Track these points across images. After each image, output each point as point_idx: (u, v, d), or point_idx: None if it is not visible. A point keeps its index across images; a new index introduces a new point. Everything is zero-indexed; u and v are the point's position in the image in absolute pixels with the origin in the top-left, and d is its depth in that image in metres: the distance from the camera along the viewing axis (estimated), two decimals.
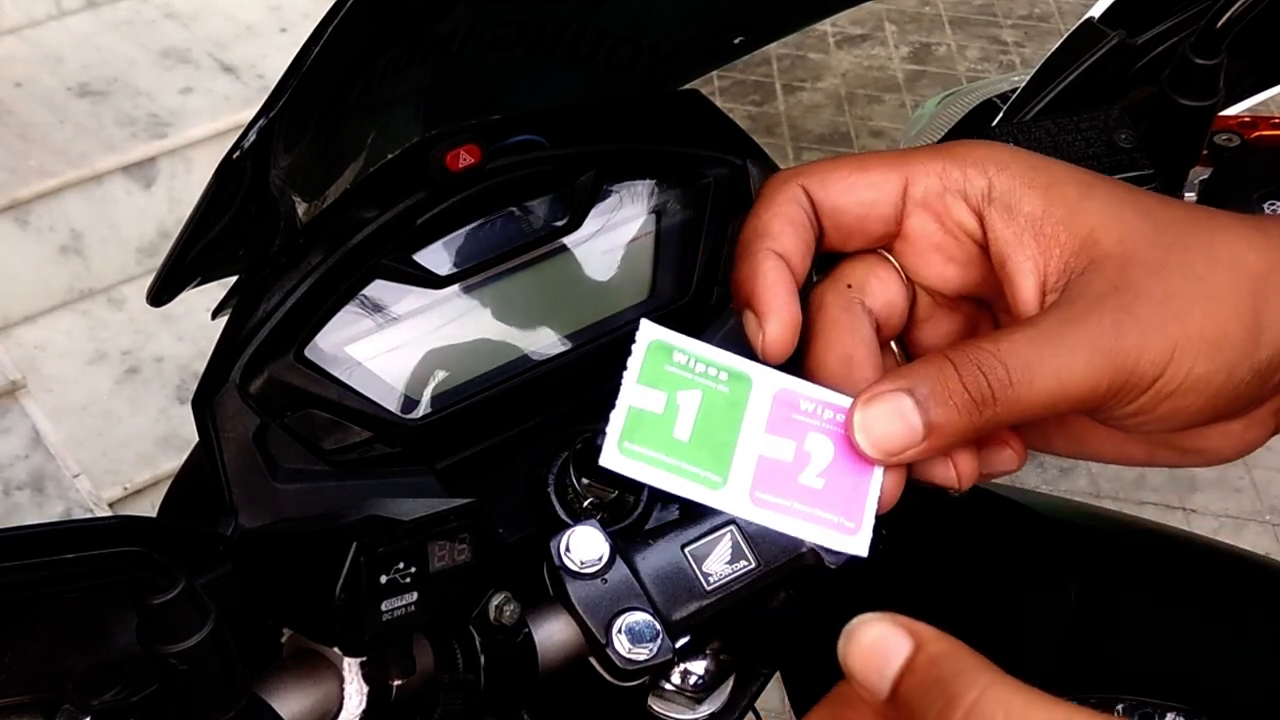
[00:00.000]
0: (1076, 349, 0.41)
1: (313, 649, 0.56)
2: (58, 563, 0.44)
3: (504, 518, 0.67)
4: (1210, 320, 0.42)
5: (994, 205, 0.44)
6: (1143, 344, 0.41)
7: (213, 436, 0.60)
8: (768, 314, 0.43)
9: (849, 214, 0.45)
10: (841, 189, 0.45)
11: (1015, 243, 0.44)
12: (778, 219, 0.44)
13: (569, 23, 0.61)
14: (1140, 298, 0.42)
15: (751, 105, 3.19)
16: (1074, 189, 0.43)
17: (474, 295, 0.67)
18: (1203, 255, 0.43)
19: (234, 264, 0.60)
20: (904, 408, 0.41)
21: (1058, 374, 0.41)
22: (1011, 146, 0.45)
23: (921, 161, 0.44)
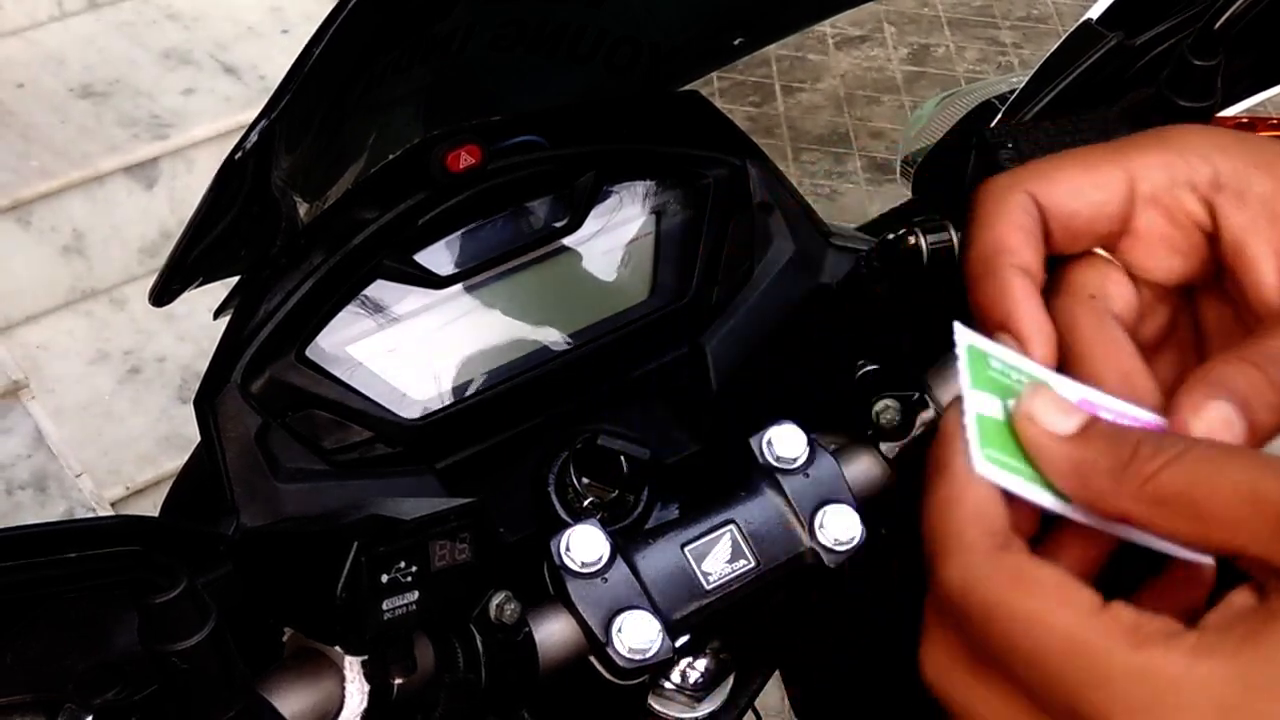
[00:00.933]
0: None
1: (314, 648, 0.56)
2: (59, 562, 0.44)
3: (504, 517, 0.67)
4: None
5: (1224, 192, 0.42)
6: None
7: (214, 436, 0.60)
8: (1031, 335, 0.41)
9: (1080, 217, 0.43)
10: (1068, 191, 0.42)
11: (1250, 228, 0.42)
12: (1015, 231, 0.42)
13: (569, 23, 0.61)
14: None
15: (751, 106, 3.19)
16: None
17: (475, 295, 0.67)
18: None
19: (236, 264, 0.61)
20: (1229, 415, 0.39)
21: None
22: (1227, 131, 0.43)
23: (1143, 154, 0.42)
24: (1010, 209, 0.42)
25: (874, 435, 0.70)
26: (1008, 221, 0.42)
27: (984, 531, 0.37)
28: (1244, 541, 0.34)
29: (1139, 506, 0.36)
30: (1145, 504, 0.36)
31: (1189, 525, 0.35)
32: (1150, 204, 0.42)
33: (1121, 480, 0.36)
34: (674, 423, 0.72)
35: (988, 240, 0.42)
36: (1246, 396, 0.39)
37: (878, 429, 0.69)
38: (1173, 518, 0.35)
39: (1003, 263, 0.41)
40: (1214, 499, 0.35)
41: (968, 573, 0.36)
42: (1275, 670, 0.32)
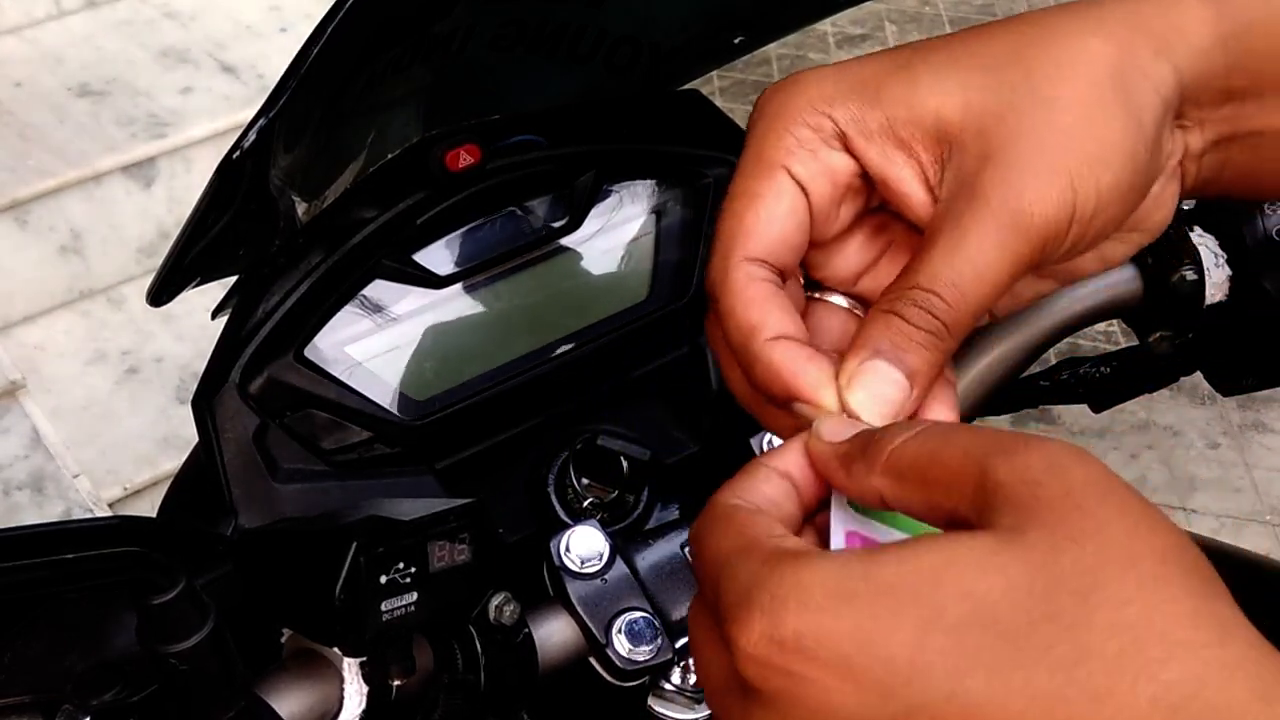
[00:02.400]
0: (984, 239, 0.42)
1: (313, 649, 0.56)
2: (58, 563, 0.44)
3: (504, 518, 0.67)
4: (1088, 132, 0.42)
5: (849, 137, 0.44)
6: (1039, 196, 0.42)
7: (213, 436, 0.60)
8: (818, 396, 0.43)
9: (791, 240, 0.45)
10: (768, 231, 0.44)
11: (883, 159, 0.44)
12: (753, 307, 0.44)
13: (569, 23, 0.61)
14: (1013, 154, 0.42)
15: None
16: (900, 84, 0.44)
17: (474, 295, 0.67)
18: (1050, 73, 0.43)
19: (234, 264, 0.60)
20: (880, 370, 0.42)
21: (984, 273, 0.42)
22: (822, 72, 0.45)
23: (783, 149, 0.44)
24: (741, 286, 0.44)
25: None
26: (742, 299, 0.43)
27: (731, 494, 0.41)
28: (954, 501, 0.37)
29: (884, 482, 0.39)
30: (888, 479, 0.39)
31: (917, 492, 0.38)
32: (813, 183, 0.44)
33: (868, 459, 0.39)
34: (674, 423, 0.72)
35: (733, 329, 0.44)
36: (895, 347, 0.42)
37: None
38: (904, 485, 0.38)
39: (759, 343, 0.43)
40: (934, 463, 0.38)
41: (697, 525, 0.40)
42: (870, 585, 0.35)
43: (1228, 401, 2.46)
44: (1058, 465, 0.36)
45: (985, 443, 0.37)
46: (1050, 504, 0.35)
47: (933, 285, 0.42)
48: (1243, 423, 2.45)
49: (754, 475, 0.42)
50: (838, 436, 0.41)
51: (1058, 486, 0.35)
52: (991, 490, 0.36)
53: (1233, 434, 2.44)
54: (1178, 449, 2.41)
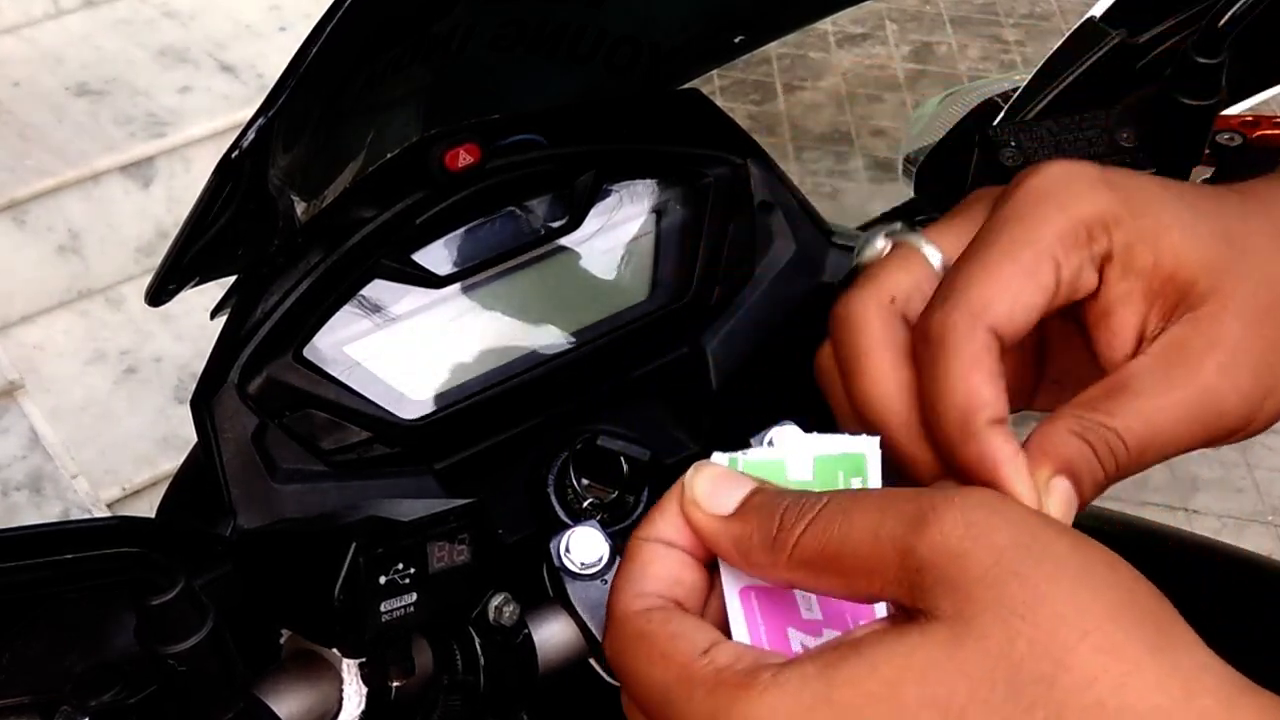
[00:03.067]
0: (1182, 417, 0.42)
1: (312, 650, 0.56)
2: (57, 563, 0.44)
3: (504, 518, 0.67)
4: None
5: (1112, 265, 0.43)
6: (1240, 400, 0.42)
7: (211, 436, 0.60)
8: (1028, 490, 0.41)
9: (1025, 328, 0.43)
10: (1018, 308, 0.42)
11: (1125, 298, 0.43)
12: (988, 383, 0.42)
13: (569, 23, 0.61)
14: (1237, 352, 0.42)
15: (752, 104, 3.19)
16: (1176, 232, 0.43)
17: (473, 295, 0.67)
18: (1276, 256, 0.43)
19: (233, 264, 0.60)
20: (1064, 492, 0.41)
21: (1166, 435, 0.42)
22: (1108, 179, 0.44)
23: (1059, 237, 0.43)
24: (979, 357, 0.42)
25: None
26: (976, 370, 0.41)
27: (633, 594, 0.39)
28: (880, 586, 0.35)
29: (794, 573, 0.37)
30: (797, 570, 0.37)
31: (836, 581, 0.36)
32: (1064, 289, 0.43)
33: (773, 551, 0.38)
34: (674, 423, 0.72)
35: (958, 391, 0.41)
36: (1081, 473, 0.41)
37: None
38: (820, 577, 0.37)
39: (980, 421, 0.41)
40: (845, 551, 0.36)
41: (608, 637, 0.39)
42: (832, 709, 0.33)
43: None
44: (976, 528, 0.34)
45: (893, 520, 0.35)
46: (984, 579, 0.34)
47: (1125, 434, 0.41)
48: None
49: (641, 560, 0.40)
50: (719, 504, 0.40)
51: (985, 555, 0.34)
52: (917, 570, 0.35)
53: None
54: None
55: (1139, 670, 0.33)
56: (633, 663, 0.38)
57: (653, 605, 0.39)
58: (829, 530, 0.37)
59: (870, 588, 0.36)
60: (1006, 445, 0.41)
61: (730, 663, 0.36)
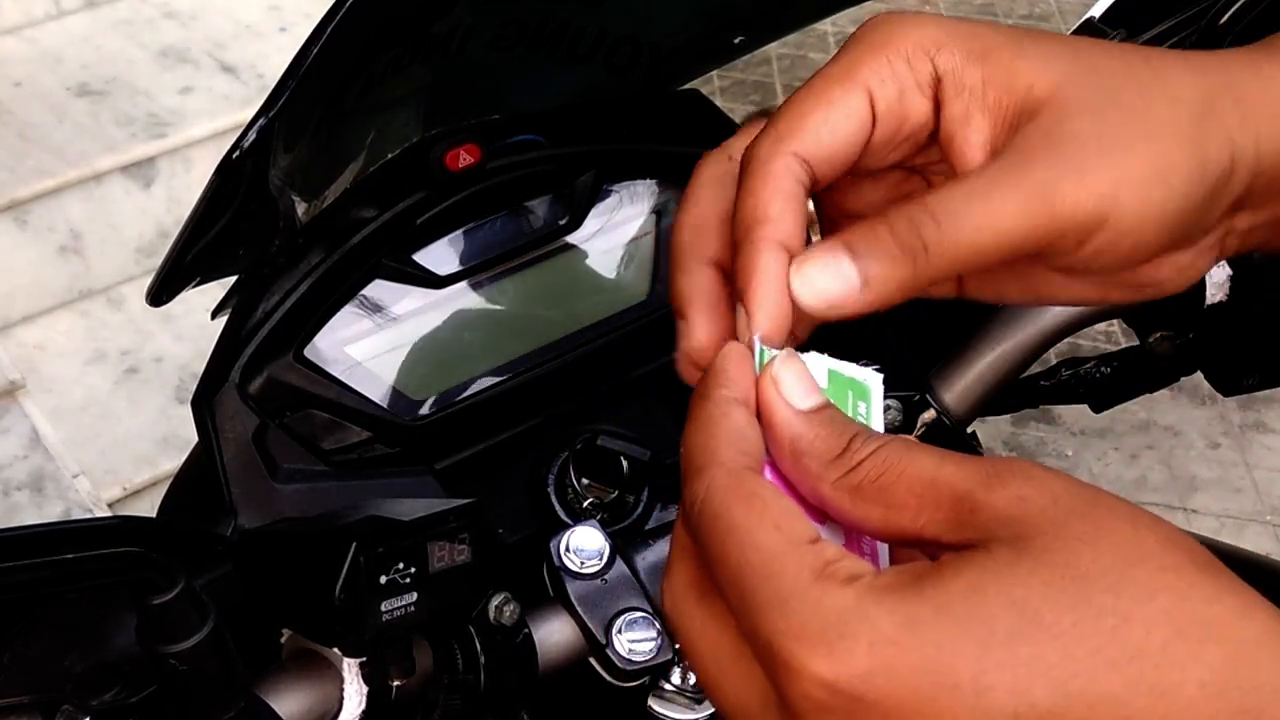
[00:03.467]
0: (1007, 198, 0.41)
1: (312, 649, 0.56)
2: (58, 563, 0.44)
3: (504, 518, 0.67)
4: (1154, 151, 0.42)
5: (943, 86, 0.44)
6: (1080, 188, 0.42)
7: (212, 436, 0.60)
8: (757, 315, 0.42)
9: (838, 155, 0.44)
10: (825, 134, 0.43)
11: (963, 118, 0.44)
12: (777, 198, 0.42)
13: (569, 23, 0.61)
14: (1076, 141, 0.42)
15: (751, 105, 3.18)
16: (1008, 50, 0.44)
17: (474, 295, 0.67)
18: (1139, 91, 0.43)
19: (233, 264, 0.60)
20: (840, 263, 0.41)
21: (989, 223, 0.41)
22: (932, 18, 0.45)
23: (874, 67, 0.44)
24: (777, 176, 0.43)
25: None
26: (773, 188, 0.42)
27: (737, 451, 0.39)
28: (923, 525, 0.37)
29: (839, 494, 0.38)
30: (843, 492, 0.38)
31: (879, 513, 0.38)
32: (886, 116, 0.44)
33: (831, 465, 0.39)
34: (674, 423, 0.72)
35: (750, 206, 0.42)
36: (867, 249, 0.41)
37: None
38: (865, 506, 0.38)
39: (760, 234, 0.42)
40: (899, 486, 0.37)
41: (711, 485, 0.38)
42: (930, 609, 0.34)
43: (1228, 401, 2.46)
44: (1035, 480, 0.36)
45: (953, 468, 0.37)
46: (1045, 514, 0.35)
47: (935, 209, 0.41)
48: (1243, 423, 2.45)
49: (736, 421, 0.39)
50: (797, 399, 0.40)
51: (1043, 498, 0.36)
52: (973, 511, 0.36)
53: (1233, 434, 2.44)
54: (1178, 449, 2.41)
55: (1198, 586, 0.35)
56: (743, 520, 0.37)
57: (754, 467, 0.39)
58: (890, 461, 0.38)
59: (914, 524, 0.37)
60: (773, 260, 0.42)
61: (837, 557, 0.36)
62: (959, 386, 0.70)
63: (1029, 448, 2.40)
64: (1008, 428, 2.42)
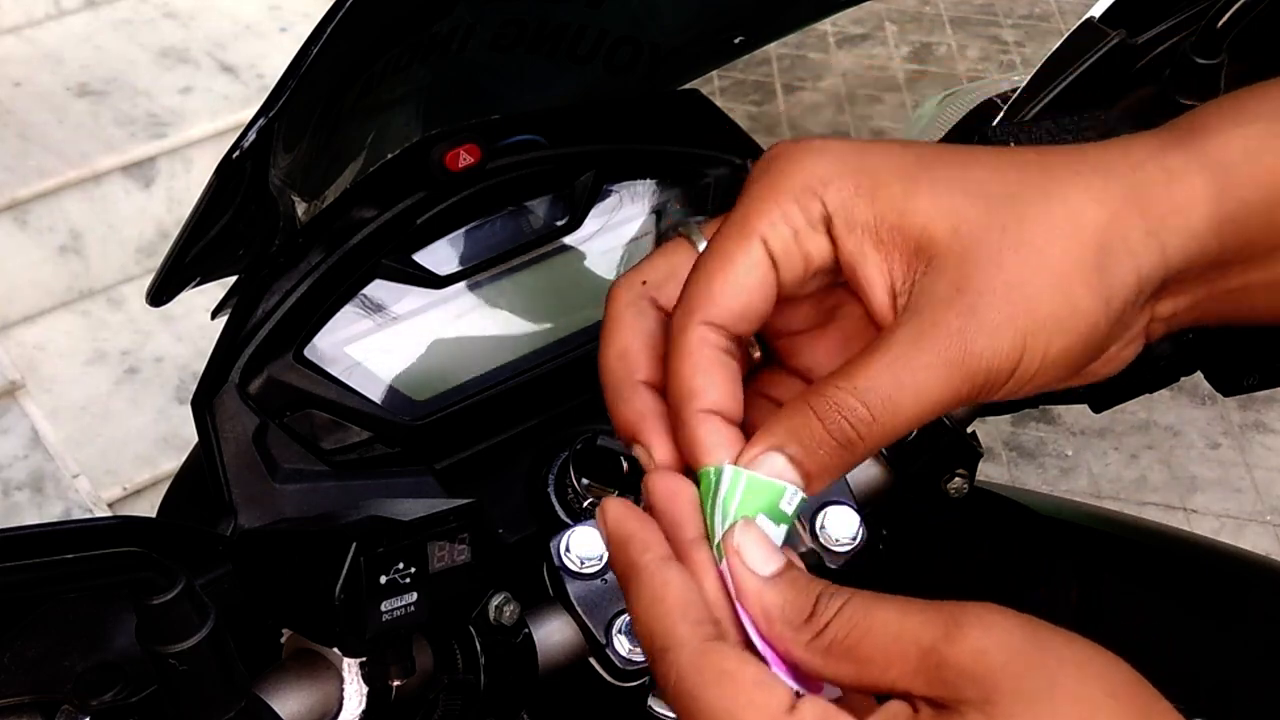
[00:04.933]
0: (930, 367, 0.42)
1: (312, 649, 0.56)
2: (58, 563, 0.44)
3: (504, 518, 0.67)
4: (1057, 297, 0.43)
5: (834, 224, 0.44)
6: (993, 344, 0.42)
7: (212, 436, 0.60)
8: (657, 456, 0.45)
9: (752, 309, 0.45)
10: (732, 297, 0.44)
11: (859, 254, 0.44)
12: (699, 371, 0.44)
13: (569, 23, 0.61)
14: (983, 296, 0.43)
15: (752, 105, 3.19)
16: (899, 186, 0.44)
17: (474, 295, 0.67)
18: (1041, 225, 0.43)
19: (233, 264, 0.60)
20: (779, 467, 0.43)
21: (916, 397, 0.42)
22: (825, 147, 0.45)
23: (765, 215, 0.44)
24: (695, 349, 0.44)
25: None
26: (693, 364, 0.44)
27: (692, 624, 0.40)
28: (893, 678, 0.39)
29: (810, 656, 0.40)
30: (816, 654, 0.40)
31: (850, 669, 0.39)
32: (785, 260, 0.44)
33: (800, 630, 0.40)
34: None
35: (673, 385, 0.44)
36: (802, 447, 0.43)
37: None
38: (836, 664, 0.40)
39: (693, 409, 0.44)
40: (866, 643, 0.39)
41: (679, 669, 0.39)
42: None
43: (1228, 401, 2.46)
44: (992, 629, 0.38)
45: (916, 623, 0.39)
46: (1005, 670, 0.37)
47: (864, 396, 0.42)
48: (1243, 423, 2.45)
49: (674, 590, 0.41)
50: (761, 567, 0.42)
51: (1002, 652, 0.38)
52: (939, 666, 0.38)
53: (1233, 434, 2.44)
54: (1178, 449, 2.41)
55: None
56: (718, 702, 0.39)
57: (711, 636, 0.40)
58: (855, 619, 0.40)
59: (885, 678, 0.39)
60: (712, 432, 0.44)
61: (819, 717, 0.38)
62: None
63: (1029, 448, 2.40)
64: (1008, 428, 2.42)
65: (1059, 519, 0.86)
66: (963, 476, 0.71)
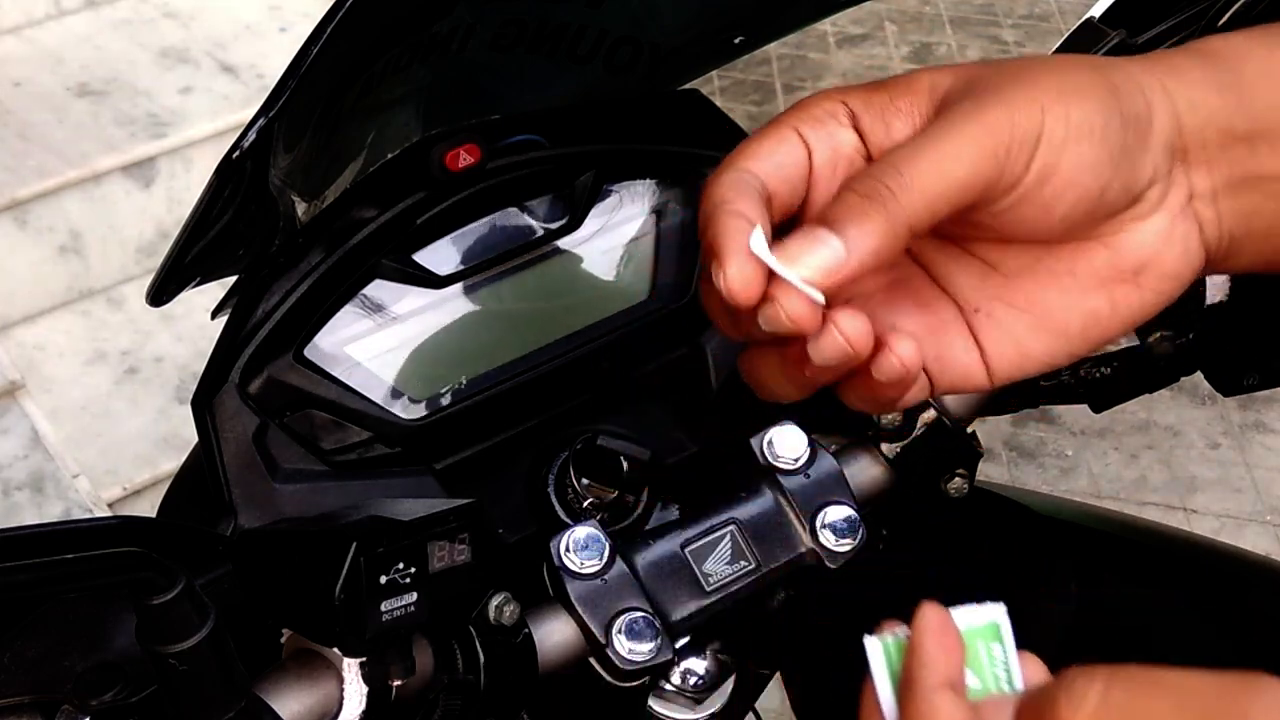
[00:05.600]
0: (950, 135, 0.46)
1: (312, 649, 0.56)
2: (58, 563, 0.44)
3: (504, 518, 0.67)
4: (1066, 77, 0.47)
5: (858, 116, 0.49)
6: (1010, 113, 0.46)
7: (212, 436, 0.60)
8: (729, 269, 0.46)
9: (784, 174, 0.49)
10: (769, 162, 0.48)
11: (885, 128, 0.49)
12: (732, 189, 0.47)
13: (569, 23, 0.61)
14: (995, 85, 0.47)
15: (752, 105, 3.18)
16: (901, 76, 0.49)
17: (474, 295, 0.67)
18: (1048, 64, 0.48)
19: (233, 264, 0.60)
20: (817, 232, 0.45)
21: (942, 163, 0.45)
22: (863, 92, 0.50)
23: (794, 114, 0.49)
24: (734, 180, 0.48)
25: (874, 436, 0.69)
26: (726, 183, 0.48)
27: None
28: None
29: None
30: None
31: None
32: (816, 144, 0.49)
33: None
34: (674, 423, 0.72)
35: (709, 199, 0.48)
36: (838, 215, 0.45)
37: (878, 429, 0.69)
38: None
39: (722, 210, 0.47)
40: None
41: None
42: None
43: (1228, 401, 2.46)
44: None
45: None
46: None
47: (893, 158, 0.45)
48: (1243, 423, 2.45)
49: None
50: None
51: None
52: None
53: (1233, 434, 2.44)
54: (1178, 449, 2.41)
55: None
56: None
57: None
58: None
59: None
60: (737, 225, 0.46)
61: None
62: None
63: (1029, 448, 2.40)
64: (1008, 428, 2.42)
65: (1059, 519, 0.86)
66: (963, 476, 0.71)
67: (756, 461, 0.66)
